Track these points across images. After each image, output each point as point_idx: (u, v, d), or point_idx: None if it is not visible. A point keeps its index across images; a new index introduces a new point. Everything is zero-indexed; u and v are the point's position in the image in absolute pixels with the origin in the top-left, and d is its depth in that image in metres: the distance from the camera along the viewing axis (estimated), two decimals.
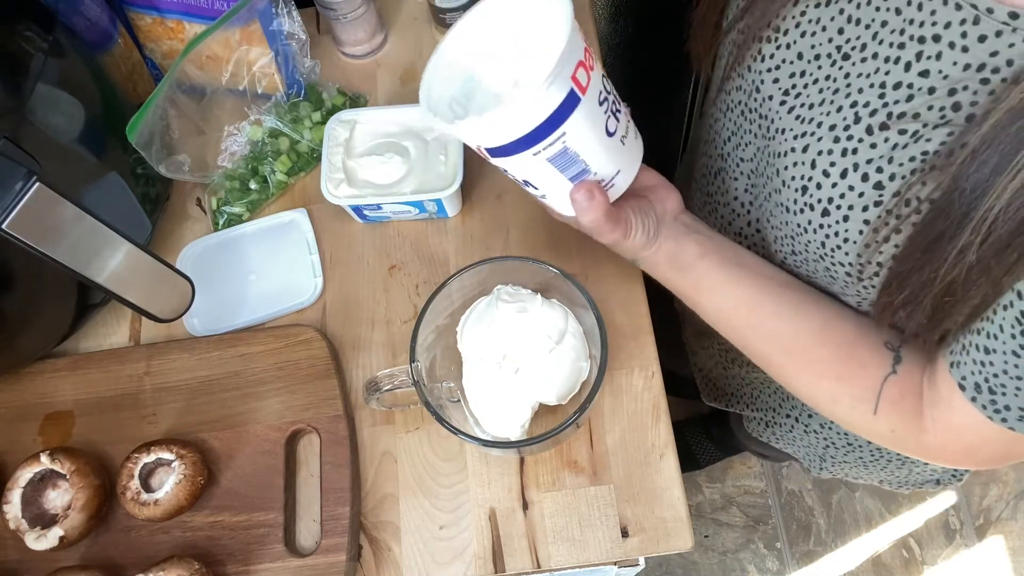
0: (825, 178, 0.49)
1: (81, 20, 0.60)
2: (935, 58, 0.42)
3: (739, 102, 0.58)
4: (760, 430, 0.89)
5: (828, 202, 0.49)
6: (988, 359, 0.44)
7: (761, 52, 0.53)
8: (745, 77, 0.56)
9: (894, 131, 0.45)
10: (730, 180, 0.63)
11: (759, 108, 0.55)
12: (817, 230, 0.51)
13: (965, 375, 0.46)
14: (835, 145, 0.48)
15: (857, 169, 0.47)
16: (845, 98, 0.48)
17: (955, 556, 1.44)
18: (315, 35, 0.82)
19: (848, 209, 0.48)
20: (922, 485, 0.80)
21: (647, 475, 0.60)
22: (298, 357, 0.65)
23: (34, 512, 0.58)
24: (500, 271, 0.59)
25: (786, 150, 0.52)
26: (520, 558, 0.59)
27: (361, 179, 0.69)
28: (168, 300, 0.56)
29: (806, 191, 0.50)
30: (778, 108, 0.53)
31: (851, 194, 0.47)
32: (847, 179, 0.47)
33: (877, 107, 0.46)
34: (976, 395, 0.46)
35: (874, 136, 0.46)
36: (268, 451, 0.62)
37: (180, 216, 0.75)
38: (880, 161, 0.46)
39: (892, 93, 0.45)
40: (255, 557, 0.59)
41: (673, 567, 1.47)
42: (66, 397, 0.66)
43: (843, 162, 0.48)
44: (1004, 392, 0.44)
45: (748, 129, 0.57)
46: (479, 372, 0.58)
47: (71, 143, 0.58)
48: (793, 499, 1.51)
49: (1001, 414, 0.45)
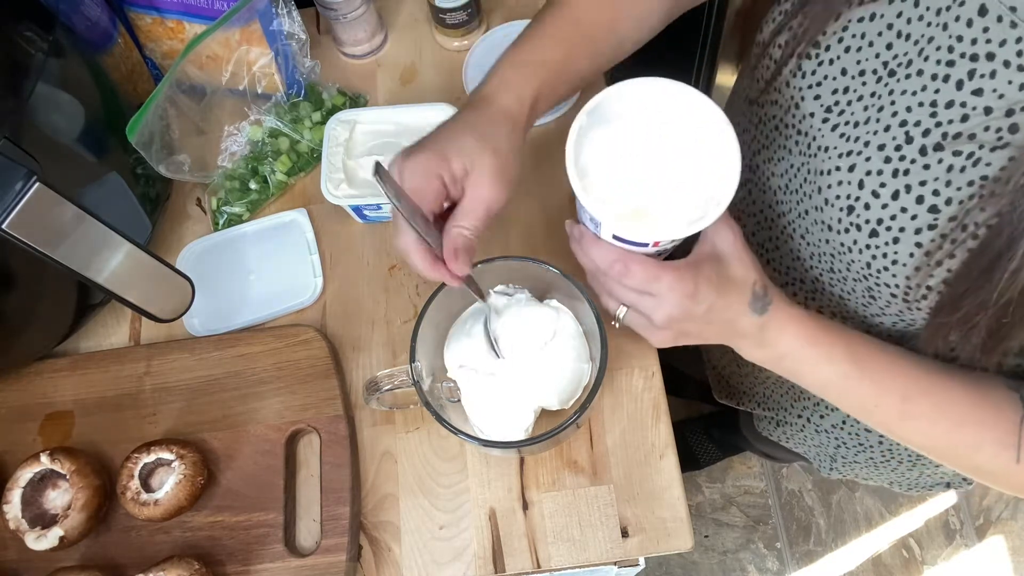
0: (874, 199, 0.48)
1: (81, 20, 0.60)
2: (989, 76, 0.41)
3: (773, 116, 0.56)
4: (771, 429, 0.89)
5: (877, 223, 0.48)
6: None
7: (802, 68, 0.52)
8: (783, 92, 0.54)
9: (949, 152, 0.44)
10: (757, 192, 0.62)
11: (798, 124, 0.54)
12: (863, 250, 0.49)
13: None
14: (885, 165, 0.47)
15: (910, 191, 0.46)
16: (892, 116, 0.46)
17: (955, 556, 1.44)
18: (315, 35, 0.82)
19: (899, 231, 0.47)
20: (932, 488, 0.78)
21: (647, 475, 0.60)
22: (298, 357, 0.65)
23: (34, 512, 0.58)
24: (500, 271, 0.59)
25: (830, 168, 0.50)
26: (520, 558, 0.59)
27: (361, 179, 0.69)
28: (168, 300, 0.56)
29: (852, 211, 0.49)
30: (820, 126, 0.51)
31: (903, 216, 0.46)
32: (899, 200, 0.46)
33: (930, 127, 0.44)
34: None
35: (928, 157, 0.45)
36: (268, 451, 0.62)
37: (180, 216, 0.75)
38: (936, 184, 0.44)
39: (944, 112, 0.43)
40: (255, 557, 0.59)
41: (673, 567, 1.47)
42: (66, 397, 0.66)
43: (894, 183, 0.46)
44: None
45: (783, 144, 0.56)
46: (474, 382, 0.58)
47: (71, 143, 0.58)
48: (793, 499, 1.51)
49: None
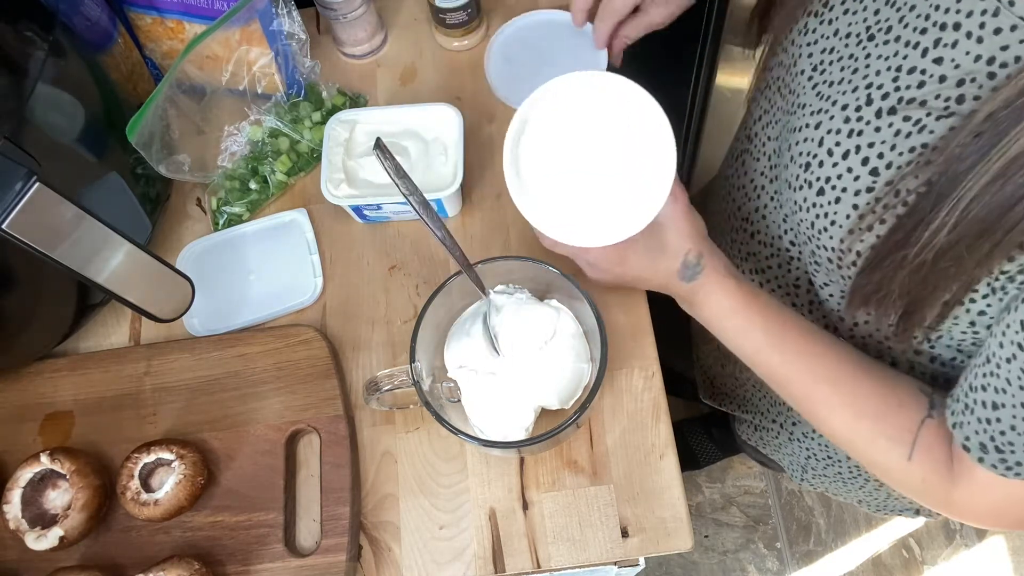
0: (828, 156, 0.48)
1: (81, 20, 0.60)
2: (951, 46, 0.41)
3: (778, 77, 0.57)
4: (749, 433, 0.89)
5: (825, 181, 0.48)
6: (995, 415, 0.43)
7: (807, 26, 0.52)
8: (788, 51, 0.55)
9: (900, 117, 0.44)
10: (751, 160, 0.62)
11: (791, 83, 0.54)
12: (810, 209, 0.50)
13: (968, 435, 0.45)
14: (844, 125, 0.47)
15: (859, 152, 0.46)
16: (863, 79, 0.47)
17: (955, 556, 1.44)
18: (315, 35, 0.82)
19: (842, 191, 0.47)
20: (901, 512, 0.78)
21: (647, 475, 0.60)
22: (298, 357, 0.65)
23: (34, 512, 0.58)
24: (500, 271, 0.59)
25: (801, 125, 0.51)
26: (520, 558, 0.59)
27: (361, 179, 0.69)
28: (168, 300, 0.56)
29: (808, 167, 0.50)
30: (805, 83, 0.52)
31: (848, 176, 0.47)
32: (847, 160, 0.47)
33: (889, 91, 0.45)
34: (983, 456, 0.45)
35: (880, 120, 0.45)
36: (268, 451, 0.62)
37: (180, 216, 0.75)
38: (882, 147, 0.45)
39: (905, 78, 0.44)
40: (255, 557, 0.59)
41: (673, 567, 1.47)
42: (66, 397, 0.66)
43: (847, 143, 0.47)
44: (1013, 449, 0.43)
45: (779, 106, 0.56)
46: (474, 382, 0.58)
47: (71, 143, 0.58)
48: (793, 499, 1.51)
49: (1014, 470, 0.44)
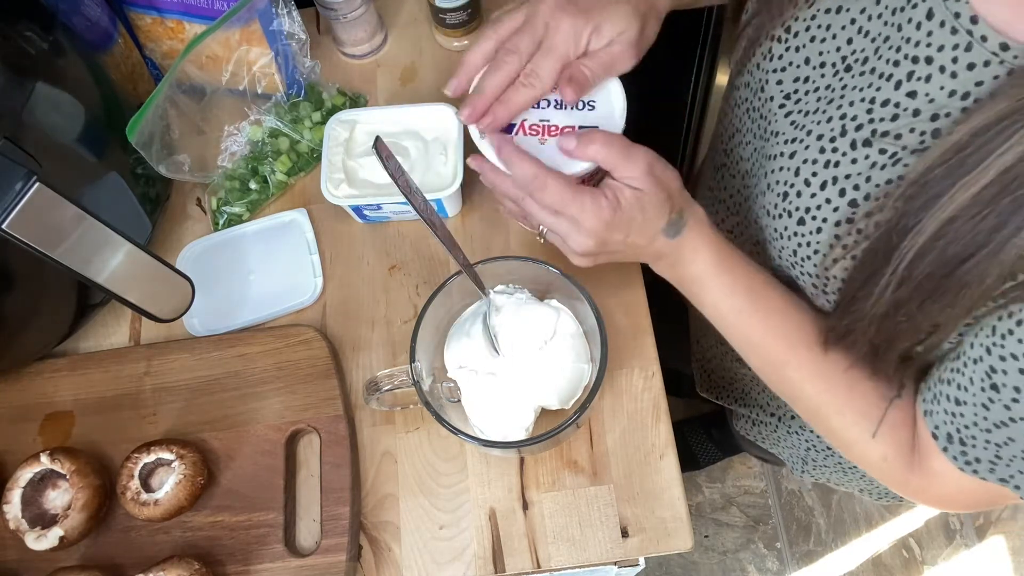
0: (806, 187, 0.48)
1: (81, 20, 0.60)
2: (924, 80, 0.41)
3: (745, 99, 0.57)
4: (747, 428, 0.89)
5: (805, 211, 0.48)
6: (959, 410, 0.44)
7: (771, 51, 0.52)
8: (754, 75, 0.55)
9: (875, 150, 0.44)
10: (728, 177, 0.63)
11: (761, 108, 0.54)
12: (791, 237, 0.50)
13: (938, 424, 0.46)
14: (820, 155, 0.47)
15: (836, 183, 0.46)
16: (836, 109, 0.47)
17: (955, 556, 1.44)
18: (315, 35, 0.82)
19: (822, 221, 0.47)
20: (902, 500, 0.79)
21: (647, 475, 0.60)
22: (298, 357, 0.65)
23: (34, 512, 0.58)
24: (500, 271, 0.59)
25: (776, 154, 0.51)
26: (520, 558, 0.59)
27: (361, 179, 0.69)
28: (168, 300, 0.56)
29: (786, 197, 0.50)
30: (776, 111, 0.52)
31: (827, 207, 0.47)
32: (825, 191, 0.47)
33: (863, 122, 0.45)
34: (948, 445, 0.46)
35: (856, 152, 0.45)
36: (268, 451, 0.62)
37: (180, 216, 0.75)
38: (858, 179, 0.45)
39: (879, 110, 0.44)
40: (255, 557, 0.59)
41: (673, 567, 1.47)
42: (66, 397, 0.66)
43: (824, 173, 0.47)
44: (974, 444, 0.44)
45: (749, 128, 0.57)
46: (474, 382, 0.58)
47: (71, 143, 0.58)
48: (793, 499, 1.51)
49: (972, 466, 0.45)
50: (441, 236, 0.52)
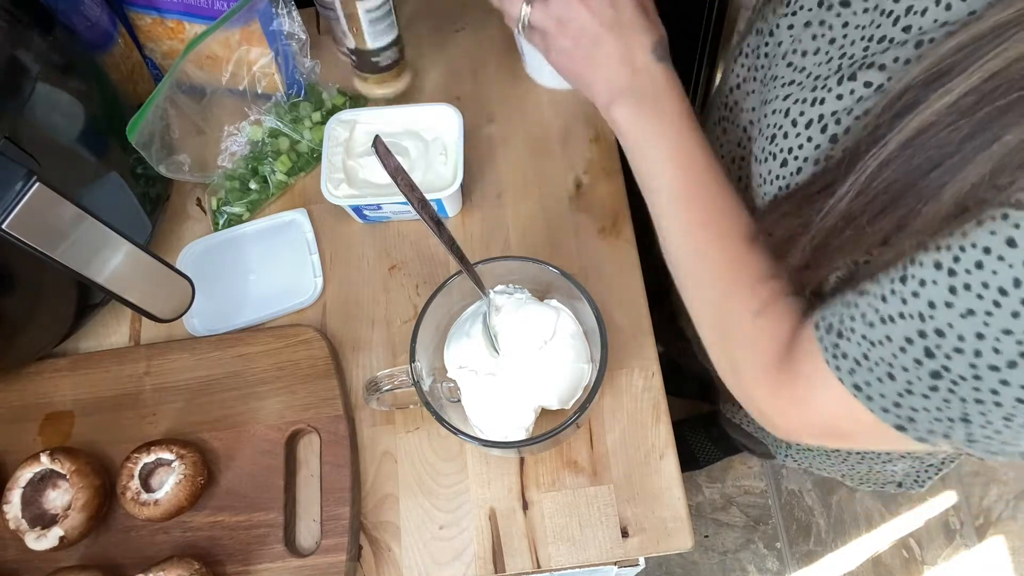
0: (792, 127, 0.46)
1: (81, 20, 0.60)
2: (920, 14, 0.40)
3: (756, 47, 0.55)
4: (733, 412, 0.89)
5: (788, 152, 0.46)
6: (851, 313, 0.41)
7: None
8: (768, 20, 0.53)
9: (860, 83, 0.42)
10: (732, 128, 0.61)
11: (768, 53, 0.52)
12: (773, 181, 0.48)
13: (825, 317, 0.43)
14: (811, 94, 0.45)
15: (821, 120, 0.44)
16: (838, 49, 0.45)
17: (955, 556, 1.44)
18: (315, 35, 0.82)
19: (803, 161, 0.45)
20: (883, 486, 0.77)
21: (647, 475, 0.60)
22: (298, 357, 0.65)
23: (34, 512, 0.58)
24: (500, 271, 0.59)
25: (771, 98, 0.49)
26: (520, 558, 0.59)
27: (361, 179, 0.69)
28: (168, 300, 0.56)
29: (774, 140, 0.47)
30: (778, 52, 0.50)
31: (808, 146, 0.45)
32: (809, 129, 0.45)
33: (859, 60, 0.43)
34: (824, 335, 0.43)
35: (842, 86, 0.43)
36: (268, 451, 0.62)
37: (180, 216, 0.75)
38: (841, 113, 0.43)
39: (875, 46, 0.42)
40: (255, 557, 0.59)
41: (673, 567, 1.47)
42: (66, 397, 0.66)
43: (811, 112, 0.45)
44: (850, 339, 0.41)
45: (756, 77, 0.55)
46: (474, 382, 0.58)
47: (71, 143, 0.58)
48: (793, 499, 1.51)
49: (838, 361, 0.42)
50: (441, 237, 0.52)
